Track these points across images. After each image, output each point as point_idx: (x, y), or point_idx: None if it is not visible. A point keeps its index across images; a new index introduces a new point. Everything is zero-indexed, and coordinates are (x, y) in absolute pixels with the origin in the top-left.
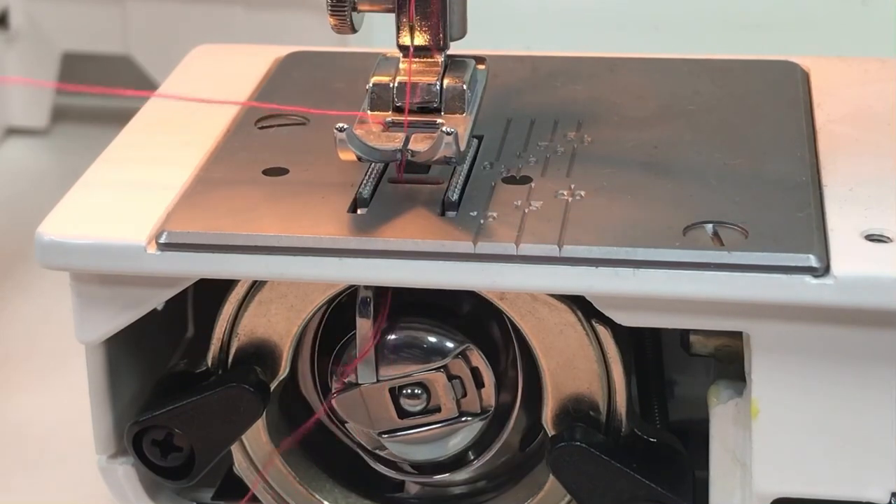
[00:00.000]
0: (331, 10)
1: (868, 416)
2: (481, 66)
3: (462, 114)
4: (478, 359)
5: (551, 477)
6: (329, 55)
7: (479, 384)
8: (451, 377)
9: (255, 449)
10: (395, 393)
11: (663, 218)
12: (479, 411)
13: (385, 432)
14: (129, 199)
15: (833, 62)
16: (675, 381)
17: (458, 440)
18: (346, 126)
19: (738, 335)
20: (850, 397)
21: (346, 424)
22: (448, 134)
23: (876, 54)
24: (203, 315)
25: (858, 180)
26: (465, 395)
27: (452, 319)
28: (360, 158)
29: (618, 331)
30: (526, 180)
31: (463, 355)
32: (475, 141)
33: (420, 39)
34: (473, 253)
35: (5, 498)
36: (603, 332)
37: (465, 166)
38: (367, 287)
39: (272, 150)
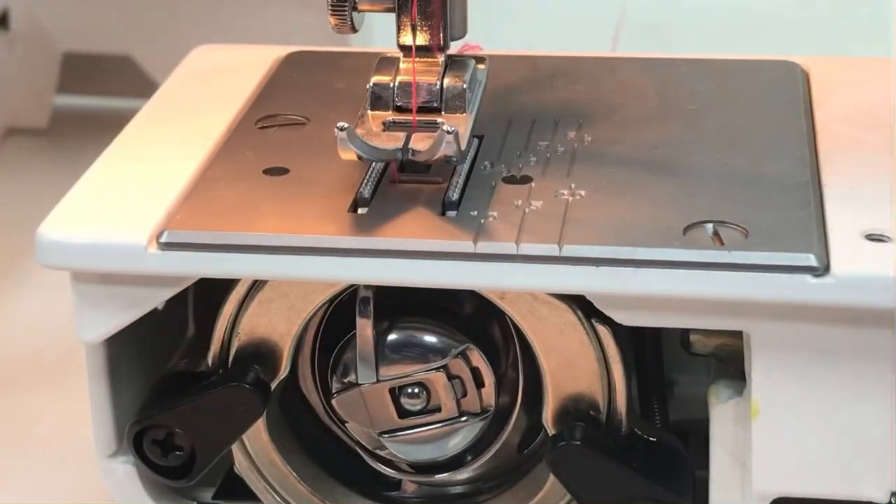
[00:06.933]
0: (331, 10)
1: (868, 416)
2: (481, 66)
3: (462, 113)
4: (478, 359)
5: (551, 477)
6: (329, 55)
7: (480, 384)
8: (451, 377)
9: (256, 449)
10: (396, 393)
11: (663, 218)
12: (479, 411)
13: (385, 432)
14: (129, 198)
15: (833, 62)
16: (675, 380)
17: (459, 440)
18: (346, 125)
19: (738, 335)
20: (850, 397)
21: (346, 424)
22: (449, 132)
23: (876, 54)
24: (203, 315)
25: (858, 180)
26: (465, 394)
27: (452, 319)
28: (360, 158)
29: (618, 330)
30: (526, 180)
31: (463, 355)
32: (475, 141)
33: (421, 39)
34: (474, 252)
35: (6, 497)
36: (603, 331)
37: (466, 166)
38: (367, 287)
39: (272, 149)
